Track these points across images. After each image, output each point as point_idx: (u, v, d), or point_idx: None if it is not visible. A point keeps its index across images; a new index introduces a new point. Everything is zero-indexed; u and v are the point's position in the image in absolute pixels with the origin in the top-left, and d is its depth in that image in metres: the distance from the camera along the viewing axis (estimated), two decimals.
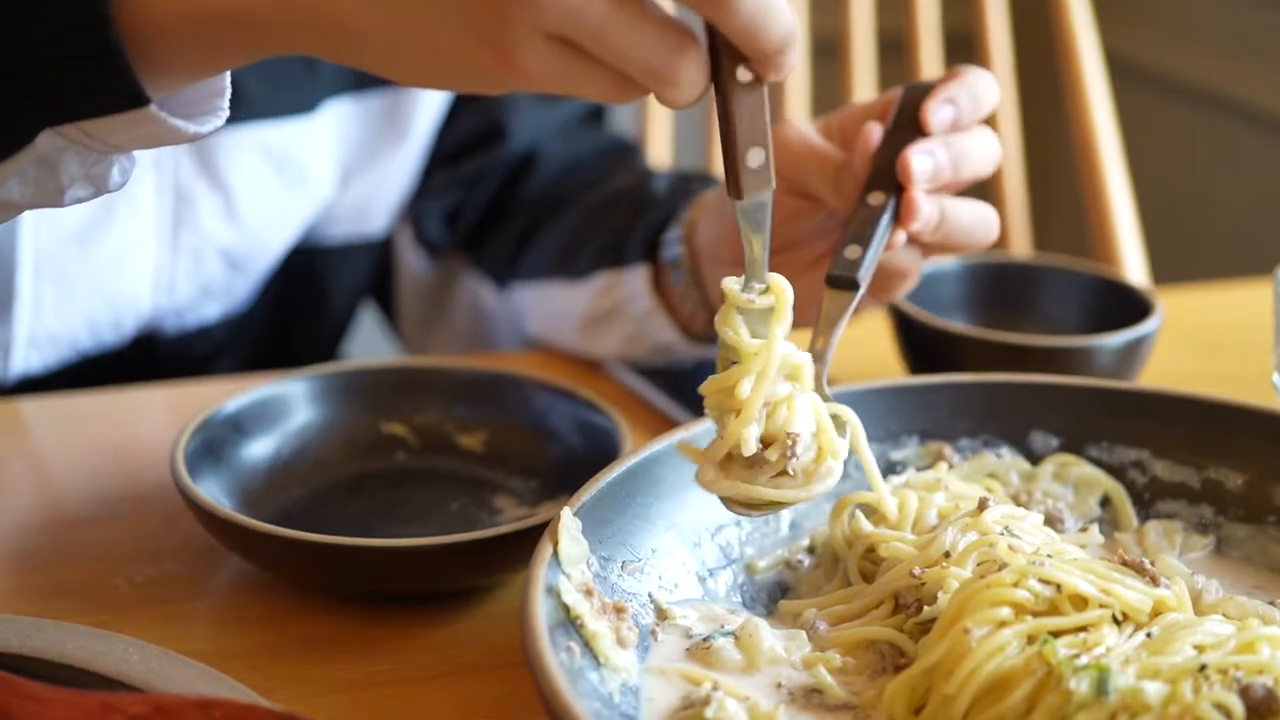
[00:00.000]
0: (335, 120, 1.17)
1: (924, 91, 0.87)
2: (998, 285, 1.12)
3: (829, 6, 1.68)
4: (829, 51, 1.69)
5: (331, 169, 1.19)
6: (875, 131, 0.87)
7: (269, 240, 1.18)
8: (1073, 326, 1.08)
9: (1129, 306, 1.04)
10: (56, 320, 1.10)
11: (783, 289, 0.70)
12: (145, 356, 1.18)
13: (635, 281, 1.08)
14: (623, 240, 1.11)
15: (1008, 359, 0.95)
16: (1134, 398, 0.84)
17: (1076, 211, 1.78)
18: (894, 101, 0.89)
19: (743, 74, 0.65)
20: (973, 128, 0.88)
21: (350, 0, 0.63)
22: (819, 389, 0.76)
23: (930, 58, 1.66)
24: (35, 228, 1.05)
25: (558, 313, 1.16)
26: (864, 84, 1.65)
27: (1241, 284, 1.39)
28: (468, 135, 1.26)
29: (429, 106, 1.22)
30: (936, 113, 0.87)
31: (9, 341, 1.08)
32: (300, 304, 1.28)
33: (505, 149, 1.25)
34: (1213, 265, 2.27)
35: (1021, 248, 1.68)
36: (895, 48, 1.71)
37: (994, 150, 0.89)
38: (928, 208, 0.84)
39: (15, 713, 0.61)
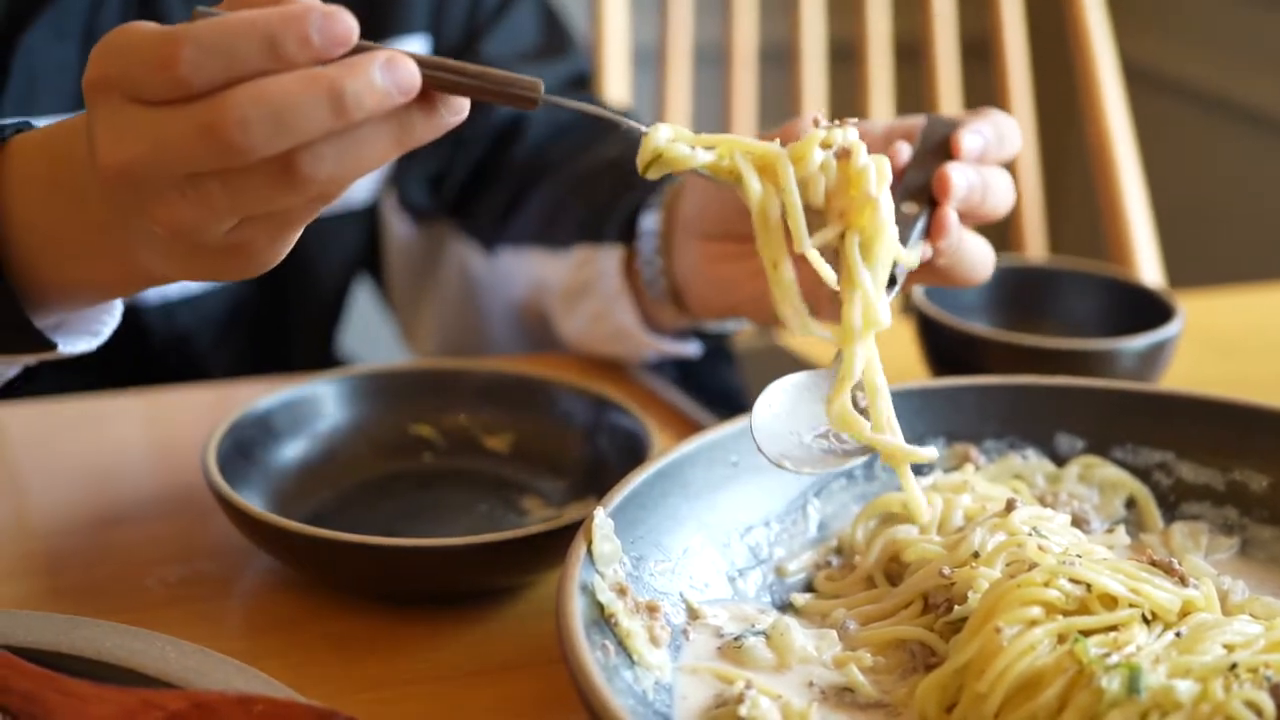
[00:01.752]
0: None
1: (949, 123, 0.88)
2: (1019, 288, 1.12)
3: (845, 12, 1.69)
4: (846, 57, 1.69)
5: None
6: (904, 150, 0.87)
7: None
8: (1093, 330, 1.08)
9: (1149, 310, 1.05)
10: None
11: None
12: (128, 328, 1.17)
13: (609, 261, 1.10)
14: (604, 216, 1.12)
15: (1031, 362, 0.95)
16: (1159, 400, 0.85)
17: (1092, 216, 1.78)
18: (917, 128, 0.90)
19: None
20: (996, 165, 0.89)
21: (147, 255, 0.70)
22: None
23: (946, 63, 1.67)
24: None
25: (540, 281, 1.18)
26: (880, 89, 1.66)
27: (1260, 288, 1.39)
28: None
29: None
30: (968, 140, 0.87)
31: None
32: (289, 279, 1.27)
33: (491, 112, 1.25)
34: (1227, 269, 2.27)
35: (1037, 251, 1.68)
36: (911, 53, 1.72)
37: (1012, 192, 0.89)
38: (957, 227, 0.85)
39: (56, 709, 0.61)
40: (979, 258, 0.89)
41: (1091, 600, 0.66)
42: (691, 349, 1.10)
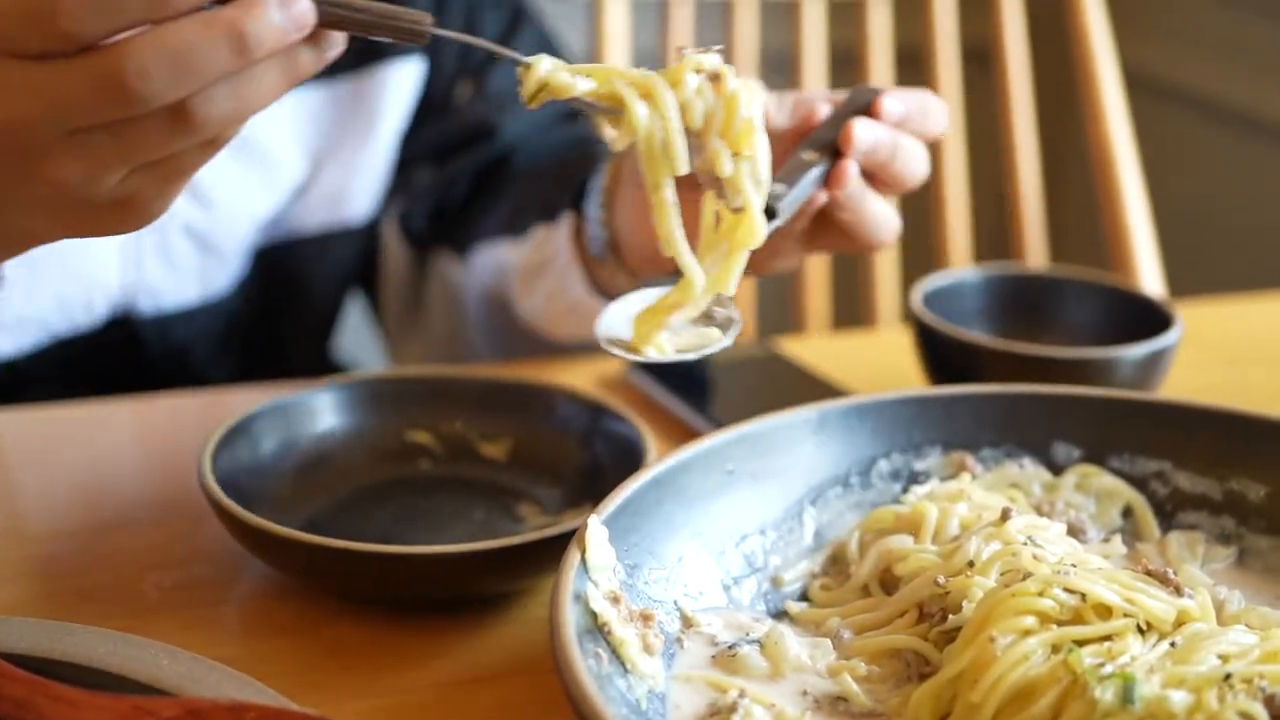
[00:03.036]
0: (298, 104, 1.18)
1: (874, 91, 0.90)
2: (1017, 296, 1.12)
3: (847, 18, 1.69)
4: (847, 63, 1.69)
5: (298, 152, 1.20)
6: (824, 109, 0.90)
7: (237, 219, 1.19)
8: (1092, 338, 1.08)
9: (1148, 318, 1.05)
10: (25, 300, 1.09)
11: None
12: (126, 340, 1.18)
13: (561, 234, 1.12)
14: (559, 194, 1.14)
15: (1029, 370, 0.95)
16: (1156, 409, 0.84)
17: (1092, 223, 1.78)
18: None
19: None
20: (915, 134, 0.91)
21: (28, 216, 0.68)
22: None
23: (947, 69, 1.66)
24: None
25: (503, 267, 1.20)
26: None
27: (1260, 297, 1.39)
28: (459, 134, 1.28)
29: (397, 92, 1.24)
30: (888, 102, 0.89)
31: None
32: (283, 293, 1.29)
33: (490, 146, 1.28)
34: (1229, 278, 2.26)
35: (1037, 259, 1.68)
36: (912, 59, 1.72)
37: (926, 164, 0.91)
38: (856, 181, 0.87)
39: (48, 715, 0.61)
40: (881, 220, 0.91)
41: (1086, 610, 0.66)
42: None
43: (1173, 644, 0.65)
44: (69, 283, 1.11)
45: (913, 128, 0.90)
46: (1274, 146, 2.47)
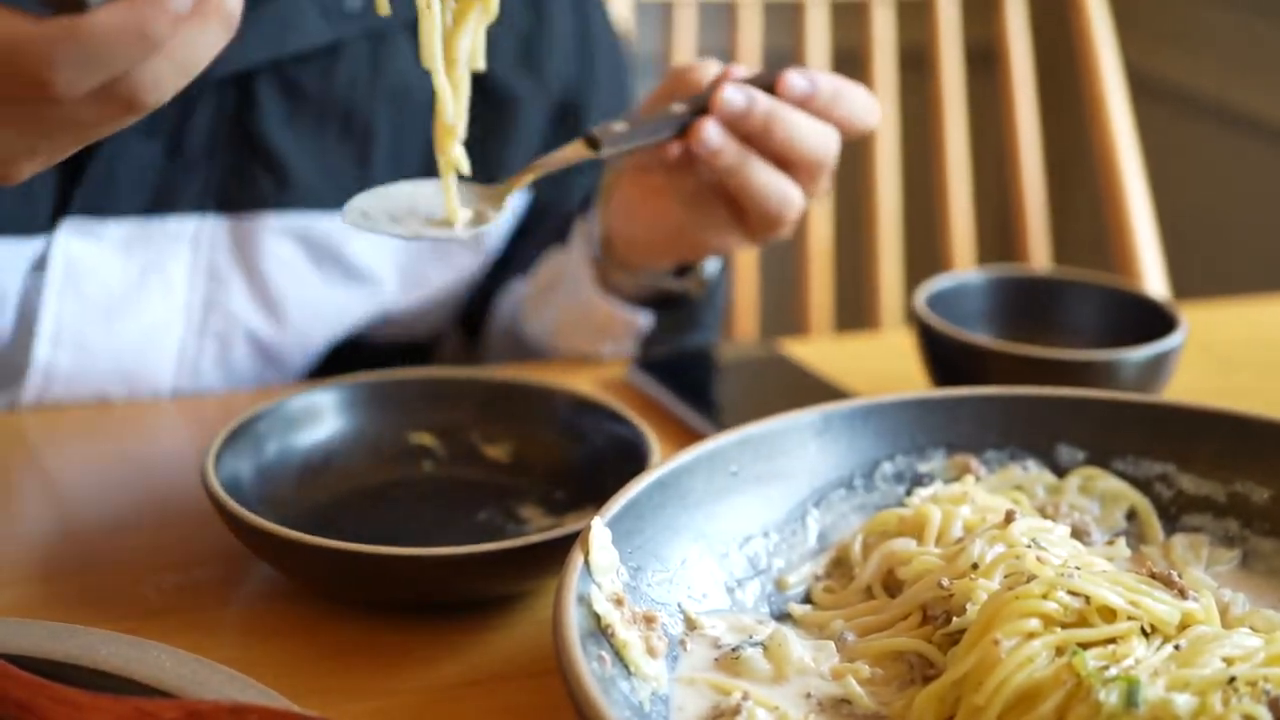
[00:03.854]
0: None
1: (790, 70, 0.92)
2: (1021, 298, 1.12)
3: (850, 20, 1.69)
4: (850, 64, 1.69)
5: (392, 270, 1.17)
6: (738, 71, 0.91)
7: (310, 335, 1.16)
8: (1095, 340, 1.08)
9: (1152, 320, 1.05)
10: (65, 391, 1.08)
11: None
12: None
13: (573, 249, 1.13)
14: (569, 227, 1.16)
15: (1032, 372, 0.95)
16: (1160, 411, 0.84)
17: (1096, 226, 1.78)
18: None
19: None
20: (820, 114, 0.91)
21: None
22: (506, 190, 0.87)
23: (951, 71, 1.66)
24: (61, 295, 1.05)
25: (517, 301, 1.20)
26: (885, 98, 1.65)
27: (1265, 299, 1.39)
28: (543, 241, 1.26)
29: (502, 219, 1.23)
30: (791, 78, 0.90)
31: (14, 405, 1.07)
32: None
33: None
34: (1233, 281, 2.27)
35: (1041, 261, 1.68)
36: (916, 61, 1.72)
37: (822, 144, 0.91)
38: (716, 139, 0.88)
39: (51, 717, 0.61)
40: (770, 193, 0.92)
41: (1090, 613, 0.66)
42: (643, 319, 1.11)
43: (1177, 647, 0.65)
44: (117, 380, 1.09)
45: (815, 107, 0.91)
46: (1279, 148, 2.46)
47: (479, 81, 1.10)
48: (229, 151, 1.08)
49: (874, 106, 0.95)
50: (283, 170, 1.09)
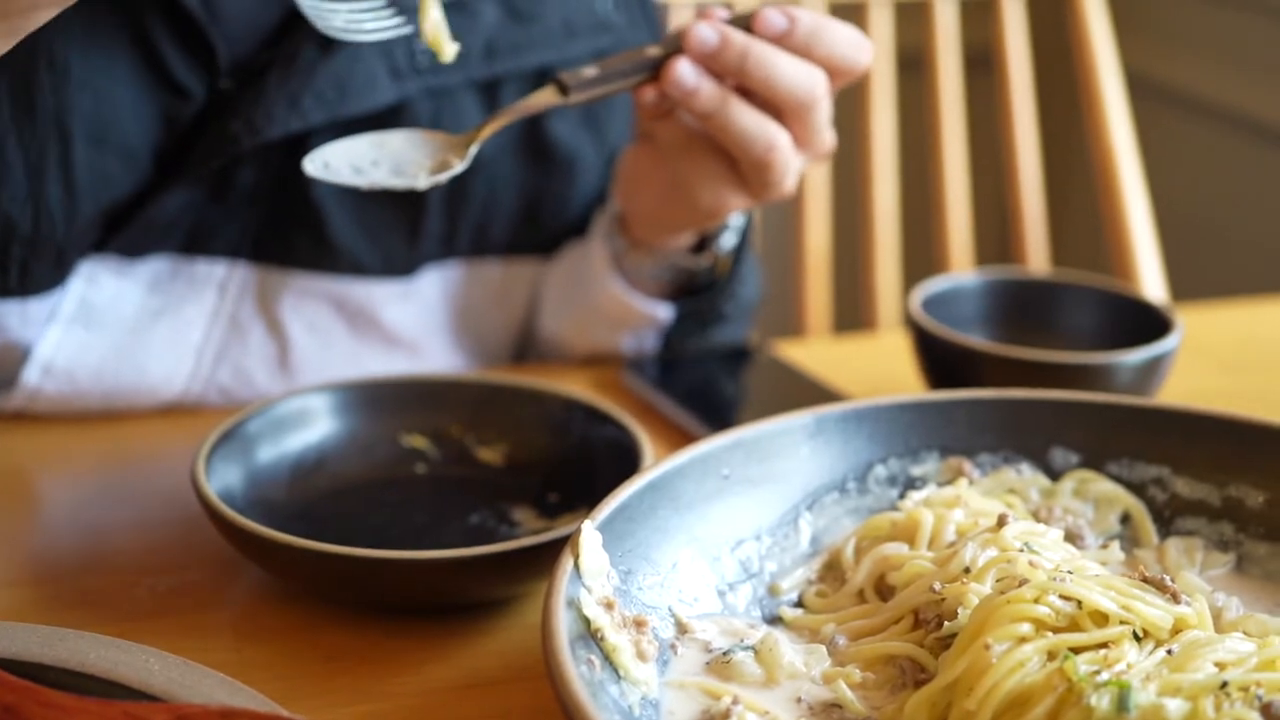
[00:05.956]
0: (437, 284, 1.13)
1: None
2: (1017, 301, 1.12)
3: (848, 22, 1.68)
4: None
5: (435, 334, 1.15)
6: (720, 13, 0.90)
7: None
8: (1092, 343, 1.08)
9: (1148, 323, 1.04)
10: (47, 410, 1.04)
11: None
12: None
13: (595, 236, 1.11)
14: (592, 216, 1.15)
15: (1027, 375, 0.95)
16: (1154, 414, 0.84)
17: (1094, 227, 1.78)
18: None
19: None
20: (800, 52, 0.90)
21: None
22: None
23: (949, 74, 1.66)
24: (67, 328, 1.01)
25: (536, 289, 1.18)
26: (882, 100, 1.65)
27: (1261, 301, 1.39)
28: None
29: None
30: (767, 13, 0.88)
31: None
32: None
33: None
34: (1231, 283, 2.26)
35: (1039, 263, 1.68)
36: (914, 64, 1.71)
37: (808, 80, 0.90)
38: (690, 78, 0.87)
39: None
40: (753, 134, 0.90)
41: (1082, 617, 0.65)
42: (663, 311, 1.11)
43: (1169, 651, 0.65)
44: (102, 415, 1.05)
45: (794, 44, 0.89)
46: (1277, 151, 2.46)
47: (540, 142, 1.11)
48: (269, 203, 1.04)
49: (862, 44, 0.92)
50: (320, 231, 1.05)
